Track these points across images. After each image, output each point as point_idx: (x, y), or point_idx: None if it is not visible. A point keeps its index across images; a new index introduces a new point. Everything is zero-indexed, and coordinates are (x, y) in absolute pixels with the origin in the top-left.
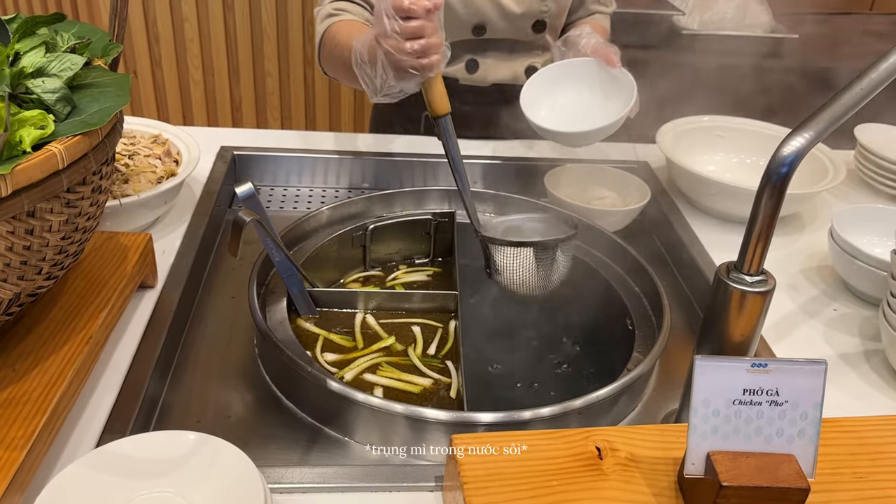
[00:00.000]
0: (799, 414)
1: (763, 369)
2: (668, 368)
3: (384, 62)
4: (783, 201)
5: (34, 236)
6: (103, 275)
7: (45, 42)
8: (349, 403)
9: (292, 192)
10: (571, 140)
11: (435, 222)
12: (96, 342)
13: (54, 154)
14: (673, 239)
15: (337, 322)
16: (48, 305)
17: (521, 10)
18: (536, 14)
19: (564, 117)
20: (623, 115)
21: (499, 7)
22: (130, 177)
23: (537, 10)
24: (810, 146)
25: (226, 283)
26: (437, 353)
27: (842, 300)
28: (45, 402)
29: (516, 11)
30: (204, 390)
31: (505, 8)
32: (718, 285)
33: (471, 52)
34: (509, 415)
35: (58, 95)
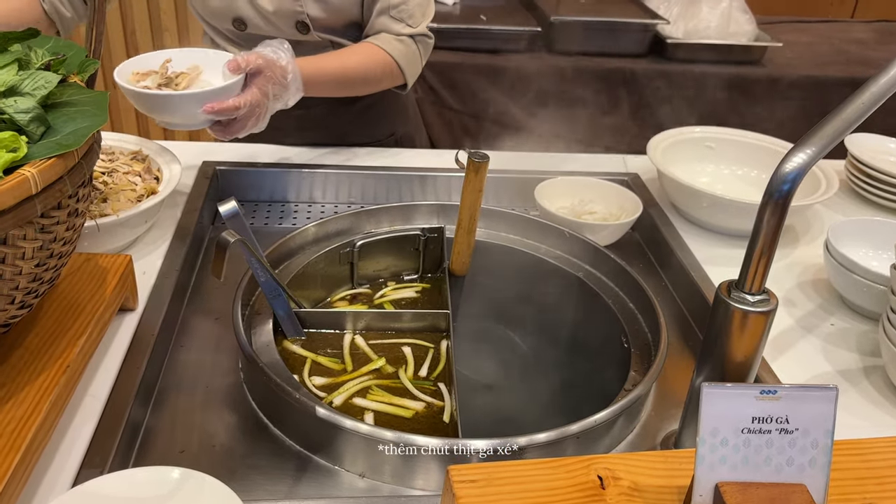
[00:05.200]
0: (810, 442)
1: (772, 396)
2: (664, 387)
3: None
4: (785, 220)
5: (6, 264)
6: (81, 299)
7: (18, 59)
8: (337, 431)
9: (277, 207)
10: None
11: (424, 238)
12: (74, 371)
13: (27, 178)
14: (665, 252)
15: (325, 343)
16: (23, 333)
17: (273, 8)
18: (293, 14)
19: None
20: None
21: (252, 3)
22: (109, 195)
23: (291, 9)
24: (812, 162)
25: (209, 305)
26: (428, 374)
27: (839, 314)
28: (19, 438)
29: (269, 9)
30: (188, 418)
31: (258, 4)
32: (719, 305)
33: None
34: (505, 441)
35: (31, 116)
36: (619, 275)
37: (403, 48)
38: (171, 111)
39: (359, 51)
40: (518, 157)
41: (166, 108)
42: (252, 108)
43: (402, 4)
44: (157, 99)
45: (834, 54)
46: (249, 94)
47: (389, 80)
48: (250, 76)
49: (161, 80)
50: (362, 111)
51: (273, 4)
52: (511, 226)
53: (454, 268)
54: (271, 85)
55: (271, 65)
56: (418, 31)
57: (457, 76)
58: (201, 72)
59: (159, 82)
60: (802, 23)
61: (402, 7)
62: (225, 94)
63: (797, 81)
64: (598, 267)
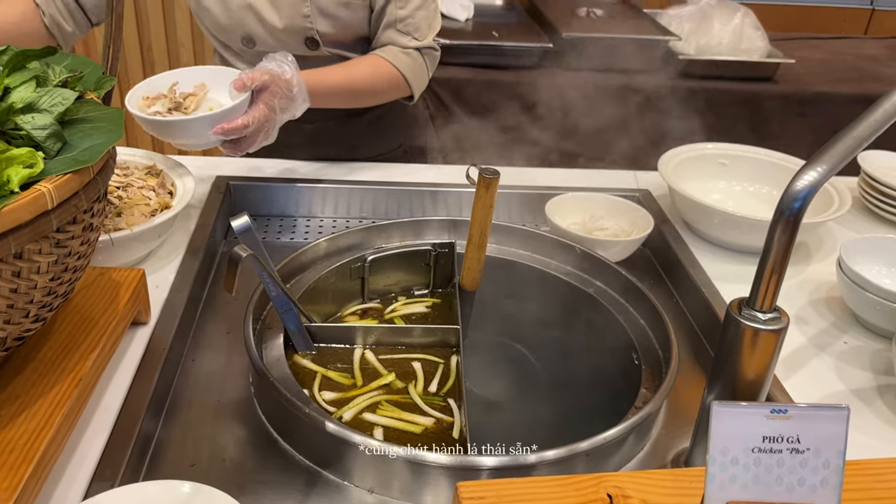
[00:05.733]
0: (821, 462)
1: (783, 415)
2: (675, 404)
3: None
4: (796, 237)
5: (21, 278)
6: (94, 312)
7: (36, 76)
8: (347, 446)
9: (289, 221)
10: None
11: (435, 253)
12: (87, 384)
13: (43, 194)
14: (676, 269)
15: (335, 358)
16: (36, 346)
17: (283, 26)
18: (303, 30)
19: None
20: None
21: (261, 21)
22: (123, 210)
23: (301, 26)
24: (824, 180)
25: (221, 319)
26: (438, 390)
27: (852, 332)
28: (31, 451)
29: (279, 26)
30: (198, 431)
31: (267, 22)
32: (730, 323)
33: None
34: (514, 458)
35: (48, 132)
36: (630, 291)
37: (410, 61)
38: (182, 135)
39: (365, 63)
40: (528, 172)
41: (178, 133)
42: (261, 123)
43: (409, 18)
44: (167, 125)
45: (847, 71)
46: (257, 110)
47: (396, 92)
48: (256, 92)
49: (170, 103)
50: (371, 123)
51: (282, 21)
52: (522, 241)
53: (465, 283)
54: (278, 99)
55: (276, 79)
56: (424, 43)
57: (469, 92)
58: (208, 90)
59: (169, 106)
60: (815, 39)
61: (408, 20)
62: (233, 114)
63: (810, 98)
64: (608, 283)
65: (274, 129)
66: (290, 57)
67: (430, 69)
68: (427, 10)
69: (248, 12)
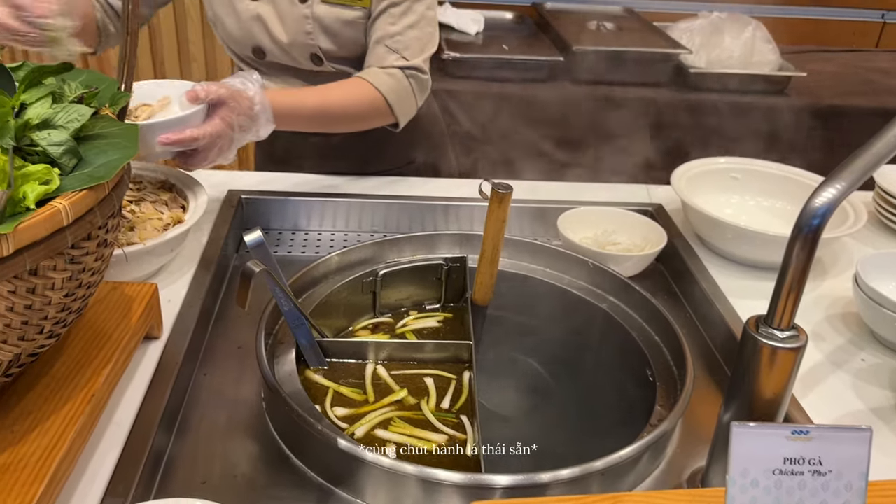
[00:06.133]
0: (843, 484)
1: (804, 437)
2: (690, 422)
3: None
4: (815, 254)
5: (36, 295)
6: (107, 327)
7: (52, 92)
8: (359, 463)
9: (300, 235)
10: None
11: (446, 267)
12: (99, 400)
13: (59, 211)
14: (690, 284)
15: (347, 373)
16: (50, 361)
17: (287, 41)
18: (306, 47)
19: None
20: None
21: (269, 34)
22: (136, 224)
23: (304, 42)
24: (843, 197)
25: (232, 333)
26: (451, 406)
27: (869, 349)
28: (44, 467)
29: (284, 41)
30: (210, 447)
31: (274, 36)
32: (747, 341)
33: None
34: (529, 477)
35: (64, 148)
36: (644, 307)
37: (393, 83)
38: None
39: (343, 85)
40: (540, 186)
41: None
42: (213, 138)
43: (399, 35)
44: None
45: (859, 84)
46: (210, 125)
47: (378, 118)
48: (214, 107)
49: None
50: (381, 138)
51: (288, 37)
52: (534, 256)
53: (477, 298)
54: (236, 115)
55: (236, 95)
56: (411, 63)
57: (479, 105)
58: (169, 103)
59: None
60: (827, 52)
61: (398, 38)
62: (180, 124)
63: (822, 111)
64: (622, 298)
65: (231, 148)
66: (256, 75)
67: (419, 94)
68: (420, 31)
69: (257, 24)
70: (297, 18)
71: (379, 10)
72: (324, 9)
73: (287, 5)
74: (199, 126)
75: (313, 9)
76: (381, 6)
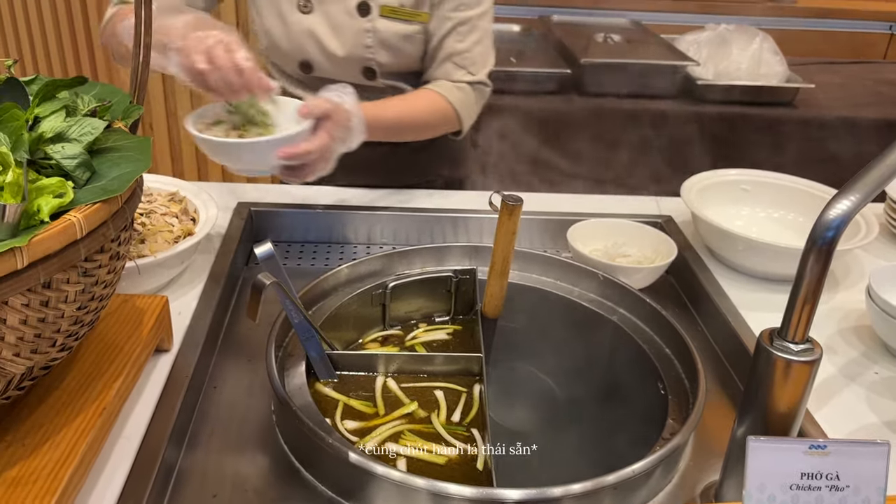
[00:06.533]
0: (861, 500)
1: (821, 451)
2: (703, 436)
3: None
4: (829, 267)
5: (49, 308)
6: (118, 340)
7: (66, 106)
8: (369, 477)
9: (310, 247)
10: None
11: (456, 279)
12: (110, 413)
13: (73, 224)
14: (701, 296)
15: (357, 386)
16: (61, 374)
17: (343, 54)
18: (362, 60)
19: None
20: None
21: (321, 48)
22: (147, 237)
23: (361, 55)
24: (857, 209)
25: (243, 346)
26: (461, 419)
27: (882, 363)
28: (55, 481)
29: (339, 54)
30: (220, 461)
31: (328, 49)
32: (761, 354)
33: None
34: (541, 491)
35: (77, 161)
36: (655, 319)
37: (462, 96)
38: (247, 158)
39: (420, 97)
40: (549, 198)
41: (244, 156)
42: (322, 152)
43: (467, 52)
44: (232, 147)
45: (867, 95)
46: (318, 138)
47: (446, 127)
48: (318, 121)
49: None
50: (415, 152)
51: (343, 50)
52: (543, 268)
53: (487, 310)
54: (337, 129)
55: (337, 109)
56: (477, 78)
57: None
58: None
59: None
60: (834, 64)
61: (465, 54)
62: (297, 139)
63: (830, 123)
64: (632, 311)
65: (332, 160)
66: (350, 89)
67: (479, 104)
68: (483, 45)
69: (309, 39)
70: (357, 32)
71: (447, 29)
72: (384, 23)
73: (345, 19)
74: (311, 140)
75: (374, 23)
76: (448, 25)
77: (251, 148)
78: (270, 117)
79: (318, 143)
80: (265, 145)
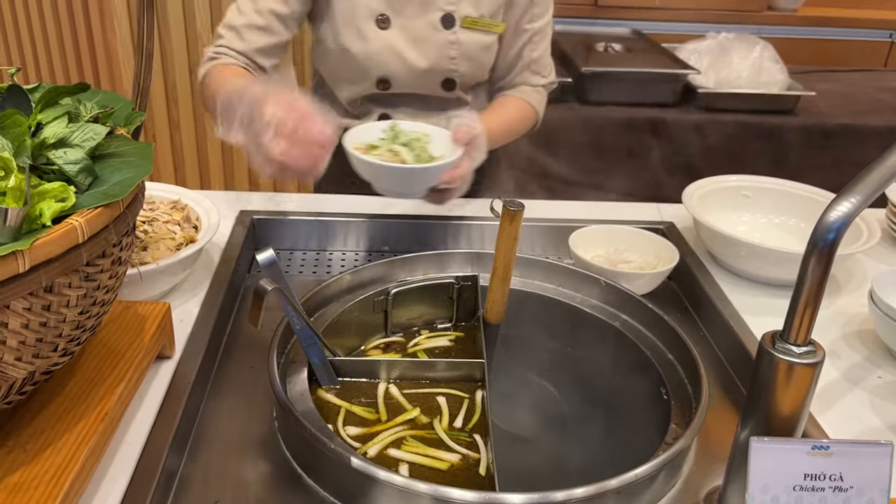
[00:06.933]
0: (865, 501)
1: (824, 452)
2: (706, 441)
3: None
4: (831, 269)
5: (51, 312)
6: (120, 346)
7: (68, 112)
8: (372, 482)
9: (311, 256)
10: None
11: (458, 286)
12: (112, 419)
13: (75, 228)
14: (703, 302)
15: (359, 392)
16: (63, 380)
17: (426, 66)
18: (445, 72)
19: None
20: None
21: (403, 62)
22: (149, 244)
23: (445, 67)
24: (858, 211)
25: (244, 353)
26: (464, 425)
27: (886, 367)
28: (56, 486)
29: (422, 67)
30: (222, 467)
31: (410, 63)
32: (763, 357)
33: (381, 105)
34: (544, 496)
35: (79, 167)
36: (657, 324)
37: (540, 98)
38: (411, 183)
39: (511, 106)
40: (550, 205)
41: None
42: (468, 174)
43: (540, 59)
44: (401, 172)
45: (869, 103)
46: (466, 161)
47: (529, 129)
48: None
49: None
50: None
51: (427, 62)
52: (545, 274)
53: (489, 317)
54: (475, 151)
55: (480, 133)
56: (550, 80)
57: None
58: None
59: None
60: (835, 72)
61: (539, 61)
62: (457, 163)
63: (832, 130)
64: (635, 316)
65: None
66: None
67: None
68: (549, 50)
69: (390, 53)
70: (441, 44)
71: (525, 40)
72: (466, 34)
73: (428, 31)
74: (462, 164)
75: (457, 34)
76: (526, 37)
77: (425, 173)
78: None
79: (467, 166)
80: (435, 170)
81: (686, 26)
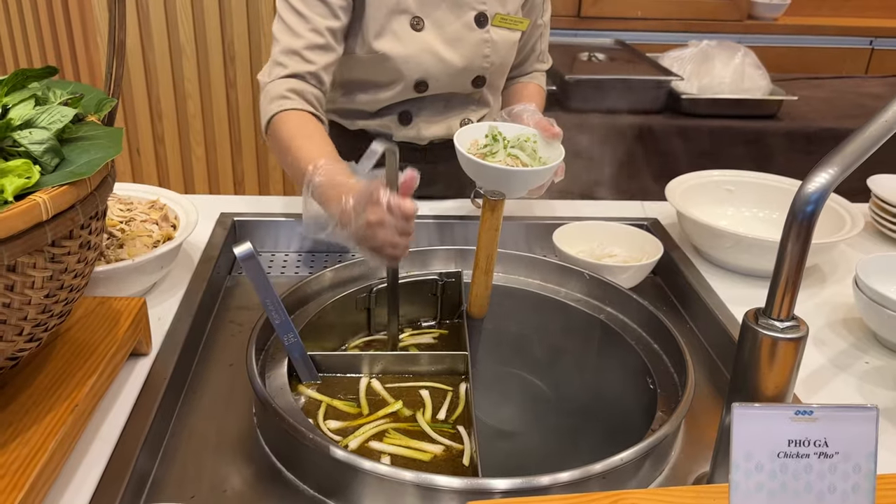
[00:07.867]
0: (851, 466)
1: (808, 417)
2: (693, 430)
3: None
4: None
5: (14, 293)
6: (93, 340)
7: (35, 95)
8: (355, 473)
9: (293, 257)
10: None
11: (441, 283)
12: (82, 411)
13: (38, 204)
14: (689, 294)
15: (340, 388)
16: (33, 373)
17: (463, 65)
18: (478, 69)
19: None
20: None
21: (442, 62)
22: (125, 241)
23: (479, 65)
24: (835, 182)
25: (224, 351)
26: (447, 417)
27: (872, 352)
28: (23, 476)
29: (459, 66)
30: (199, 463)
31: (448, 63)
32: (746, 333)
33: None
34: (527, 481)
35: (45, 147)
36: (642, 315)
37: (545, 80)
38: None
39: (536, 91)
40: (534, 204)
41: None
42: None
43: (544, 49)
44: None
45: (850, 108)
46: None
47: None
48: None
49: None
50: None
51: (463, 61)
52: (529, 269)
53: (472, 310)
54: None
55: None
56: (549, 64)
57: None
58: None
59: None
60: (816, 79)
61: (543, 51)
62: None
63: (815, 134)
64: (620, 308)
65: None
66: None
67: None
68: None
69: (428, 55)
70: (476, 43)
71: (538, 35)
72: (497, 32)
73: (462, 31)
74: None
75: (490, 33)
76: (539, 32)
77: (546, 172)
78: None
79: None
80: (547, 172)
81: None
